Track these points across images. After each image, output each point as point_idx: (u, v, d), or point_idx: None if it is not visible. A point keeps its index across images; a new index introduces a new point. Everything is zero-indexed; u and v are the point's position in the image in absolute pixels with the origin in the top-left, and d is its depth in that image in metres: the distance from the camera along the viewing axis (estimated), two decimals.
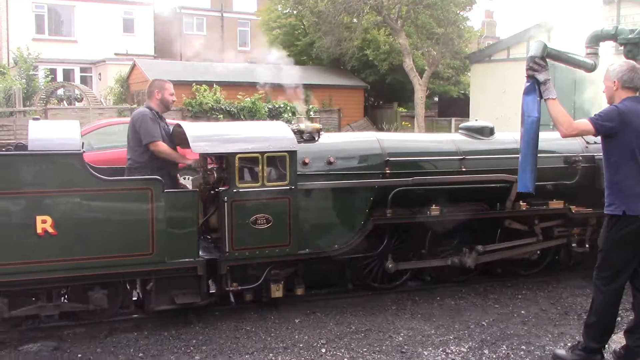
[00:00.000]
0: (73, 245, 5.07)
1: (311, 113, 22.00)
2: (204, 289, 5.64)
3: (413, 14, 24.65)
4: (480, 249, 6.50)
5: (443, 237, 6.55)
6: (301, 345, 5.19)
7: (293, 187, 5.68)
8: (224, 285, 5.69)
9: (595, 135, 4.56)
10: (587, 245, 6.90)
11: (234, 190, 5.52)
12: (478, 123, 7.16)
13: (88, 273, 5.17)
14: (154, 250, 5.29)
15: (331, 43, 25.82)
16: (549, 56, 5.08)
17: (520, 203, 6.65)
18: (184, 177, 9.23)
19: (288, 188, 5.67)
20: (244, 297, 6.00)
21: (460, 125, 7.29)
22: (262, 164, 5.58)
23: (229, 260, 5.58)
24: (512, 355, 4.98)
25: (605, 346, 4.75)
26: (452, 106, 29.30)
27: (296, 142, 5.77)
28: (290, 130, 5.91)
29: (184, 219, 5.40)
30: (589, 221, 6.93)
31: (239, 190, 5.53)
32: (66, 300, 5.42)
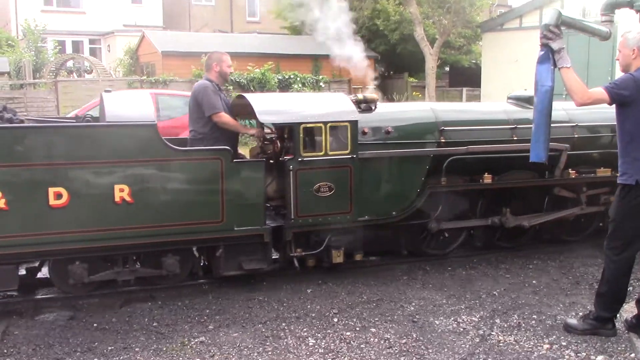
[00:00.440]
0: (148, 214, 5.25)
1: (321, 84, 21.90)
2: (269, 255, 5.81)
3: None
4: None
5: (494, 204, 6.75)
6: (313, 314, 5.24)
7: (354, 156, 5.84)
8: (288, 251, 5.88)
9: (610, 104, 4.48)
10: None
11: (299, 159, 5.68)
12: (527, 93, 7.14)
13: (162, 240, 5.36)
14: (224, 218, 5.47)
15: None
16: (564, 24, 5.00)
17: (570, 171, 6.76)
18: None
19: (349, 157, 5.84)
20: (306, 263, 6.17)
21: (509, 94, 7.30)
22: (325, 134, 5.74)
23: (294, 227, 5.78)
24: (524, 325, 5.00)
25: (617, 315, 4.77)
26: (464, 76, 29.01)
27: (357, 113, 5.94)
28: (351, 102, 6.07)
29: (251, 188, 5.59)
30: None
31: (303, 159, 5.70)
32: (139, 266, 5.60)
